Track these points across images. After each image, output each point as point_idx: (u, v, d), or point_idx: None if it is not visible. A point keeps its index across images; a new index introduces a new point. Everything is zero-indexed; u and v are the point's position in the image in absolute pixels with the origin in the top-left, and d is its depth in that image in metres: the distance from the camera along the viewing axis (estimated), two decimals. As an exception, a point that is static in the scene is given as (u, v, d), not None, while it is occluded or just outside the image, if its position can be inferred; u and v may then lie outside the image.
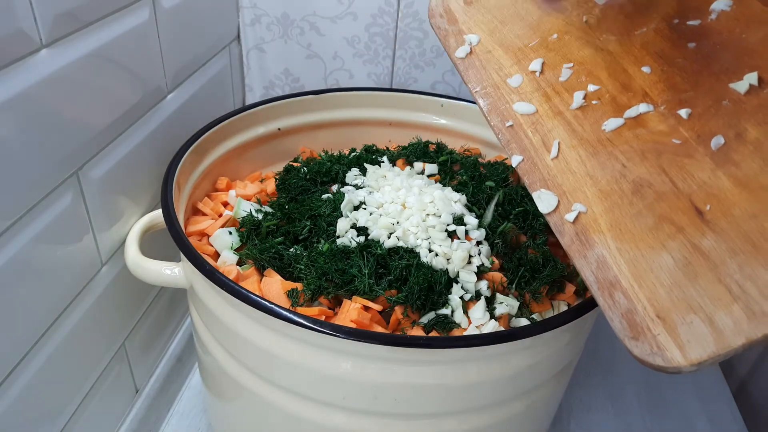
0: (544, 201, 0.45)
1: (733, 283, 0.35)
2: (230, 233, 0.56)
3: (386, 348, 0.42)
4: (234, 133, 0.66)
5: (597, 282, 0.40)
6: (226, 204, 0.63)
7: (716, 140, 0.41)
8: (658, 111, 0.45)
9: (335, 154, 0.70)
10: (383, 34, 0.77)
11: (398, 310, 0.48)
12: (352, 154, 0.70)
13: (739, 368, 0.81)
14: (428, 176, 0.66)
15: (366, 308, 0.47)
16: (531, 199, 0.60)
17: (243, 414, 0.54)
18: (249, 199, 0.62)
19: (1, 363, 0.43)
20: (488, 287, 0.51)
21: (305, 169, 0.66)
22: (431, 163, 0.68)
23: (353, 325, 0.46)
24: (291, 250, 0.54)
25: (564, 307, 0.54)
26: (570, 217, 0.43)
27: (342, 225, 0.54)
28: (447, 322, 0.48)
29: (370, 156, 0.69)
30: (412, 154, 0.70)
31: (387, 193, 0.58)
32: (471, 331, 0.47)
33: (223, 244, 0.55)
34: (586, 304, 0.45)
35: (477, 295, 0.50)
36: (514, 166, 0.49)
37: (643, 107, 0.46)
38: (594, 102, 0.48)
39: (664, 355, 0.35)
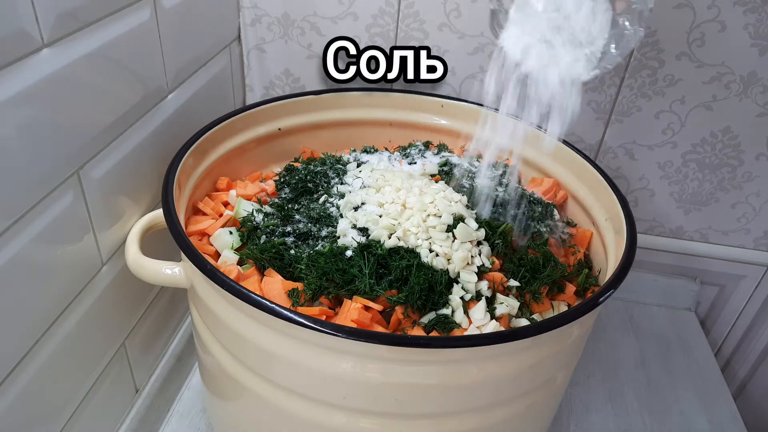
0: None
1: None
2: (231, 233, 0.56)
3: (387, 348, 0.42)
4: (234, 133, 0.66)
5: None
6: (226, 204, 0.63)
7: None
8: None
9: (335, 154, 0.70)
10: (383, 35, 0.77)
11: (399, 310, 0.48)
12: (353, 154, 0.70)
13: (739, 368, 0.81)
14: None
15: (366, 308, 0.47)
16: (531, 200, 0.61)
17: (243, 414, 0.54)
18: (249, 199, 0.62)
19: (1, 363, 0.43)
20: (489, 287, 0.51)
21: (305, 169, 0.66)
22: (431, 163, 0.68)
23: (354, 325, 0.46)
24: (291, 250, 0.54)
25: (564, 308, 0.54)
26: None
27: (342, 225, 0.54)
28: (447, 322, 0.48)
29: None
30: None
31: (387, 193, 0.58)
32: (471, 331, 0.47)
33: (224, 243, 0.55)
34: (586, 305, 0.45)
35: (477, 296, 0.50)
36: None
37: None
38: None
39: None
